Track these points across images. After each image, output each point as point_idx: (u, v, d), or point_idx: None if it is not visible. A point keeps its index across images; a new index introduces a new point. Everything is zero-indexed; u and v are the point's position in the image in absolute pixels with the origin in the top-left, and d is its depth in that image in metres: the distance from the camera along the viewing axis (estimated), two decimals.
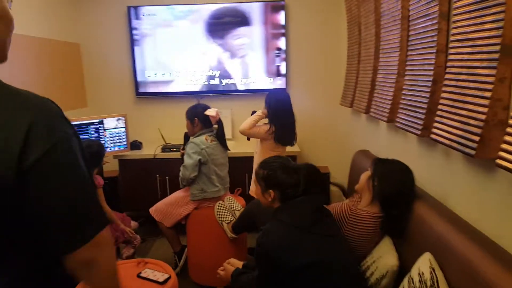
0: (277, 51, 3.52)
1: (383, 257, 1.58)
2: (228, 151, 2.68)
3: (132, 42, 3.55)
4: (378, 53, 2.48)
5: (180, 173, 2.51)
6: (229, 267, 1.62)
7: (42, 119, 0.71)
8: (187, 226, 2.60)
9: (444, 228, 1.40)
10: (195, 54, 3.56)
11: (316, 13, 3.53)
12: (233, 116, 3.71)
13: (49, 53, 3.10)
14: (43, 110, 0.73)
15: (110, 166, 3.38)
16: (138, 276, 1.73)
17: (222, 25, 3.50)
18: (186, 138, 2.69)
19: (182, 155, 2.62)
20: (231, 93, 3.65)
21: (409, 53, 1.94)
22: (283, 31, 3.49)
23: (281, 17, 3.47)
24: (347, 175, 2.79)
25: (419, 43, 1.81)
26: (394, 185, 1.66)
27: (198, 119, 2.53)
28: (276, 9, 3.45)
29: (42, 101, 0.74)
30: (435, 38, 1.64)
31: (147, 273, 1.74)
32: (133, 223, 2.72)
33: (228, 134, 3.64)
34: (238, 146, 3.40)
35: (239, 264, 1.63)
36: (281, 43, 3.51)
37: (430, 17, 1.68)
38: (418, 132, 1.69)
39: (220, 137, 2.58)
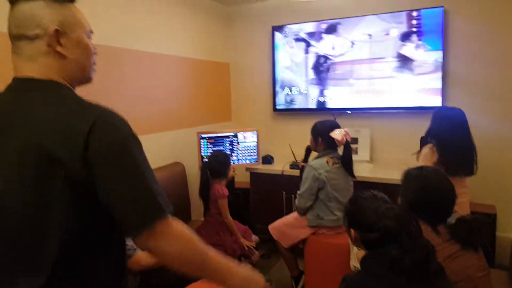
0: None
1: None
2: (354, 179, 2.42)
3: (273, 60, 3.65)
4: None
5: (296, 201, 2.39)
6: None
7: (106, 118, 0.82)
8: (304, 251, 2.45)
9: None
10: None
11: (484, 13, 2.90)
12: (372, 136, 3.38)
13: (202, 73, 3.48)
14: (107, 112, 0.84)
15: (243, 177, 3.52)
16: None
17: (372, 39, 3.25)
18: (308, 151, 2.56)
19: (302, 168, 2.48)
20: (371, 110, 3.34)
21: None
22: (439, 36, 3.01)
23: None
24: None
25: None
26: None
27: (322, 139, 2.35)
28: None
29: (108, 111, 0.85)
30: None
31: None
32: (254, 237, 2.71)
33: (365, 156, 3.37)
34: (378, 171, 3.06)
35: None
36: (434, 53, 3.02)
37: None
38: None
39: (345, 163, 2.33)
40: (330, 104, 3.47)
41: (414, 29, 3.04)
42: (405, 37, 3.09)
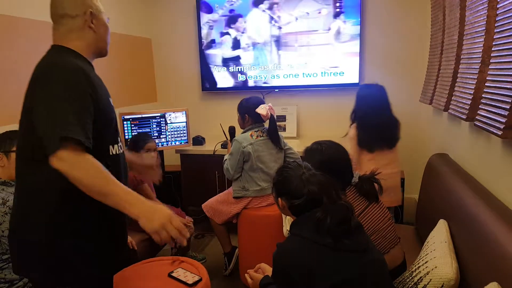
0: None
1: (439, 268, 1.32)
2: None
3: (200, 37, 3.57)
4: (462, 40, 2.10)
5: (225, 167, 2.42)
6: (256, 276, 1.46)
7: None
8: (238, 226, 2.50)
9: None
10: (262, 47, 3.46)
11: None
12: (299, 113, 3.52)
13: (121, 48, 3.24)
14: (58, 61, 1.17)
15: (174, 160, 3.45)
16: (169, 275, 1.66)
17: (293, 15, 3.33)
18: (231, 131, 2.63)
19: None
20: (298, 88, 3.46)
21: (496, 36, 1.57)
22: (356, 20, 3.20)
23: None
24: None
25: (508, 22, 1.44)
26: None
27: (249, 115, 2.41)
28: None
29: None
30: None
31: (179, 273, 1.67)
32: (187, 219, 2.69)
33: (292, 132, 3.50)
34: (304, 145, 3.18)
35: (270, 270, 1.46)
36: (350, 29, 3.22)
37: None
38: (499, 132, 1.34)
39: (271, 135, 2.41)
40: (257, 83, 3.52)
41: (339, 9, 3.23)
42: (335, 15, 3.26)
